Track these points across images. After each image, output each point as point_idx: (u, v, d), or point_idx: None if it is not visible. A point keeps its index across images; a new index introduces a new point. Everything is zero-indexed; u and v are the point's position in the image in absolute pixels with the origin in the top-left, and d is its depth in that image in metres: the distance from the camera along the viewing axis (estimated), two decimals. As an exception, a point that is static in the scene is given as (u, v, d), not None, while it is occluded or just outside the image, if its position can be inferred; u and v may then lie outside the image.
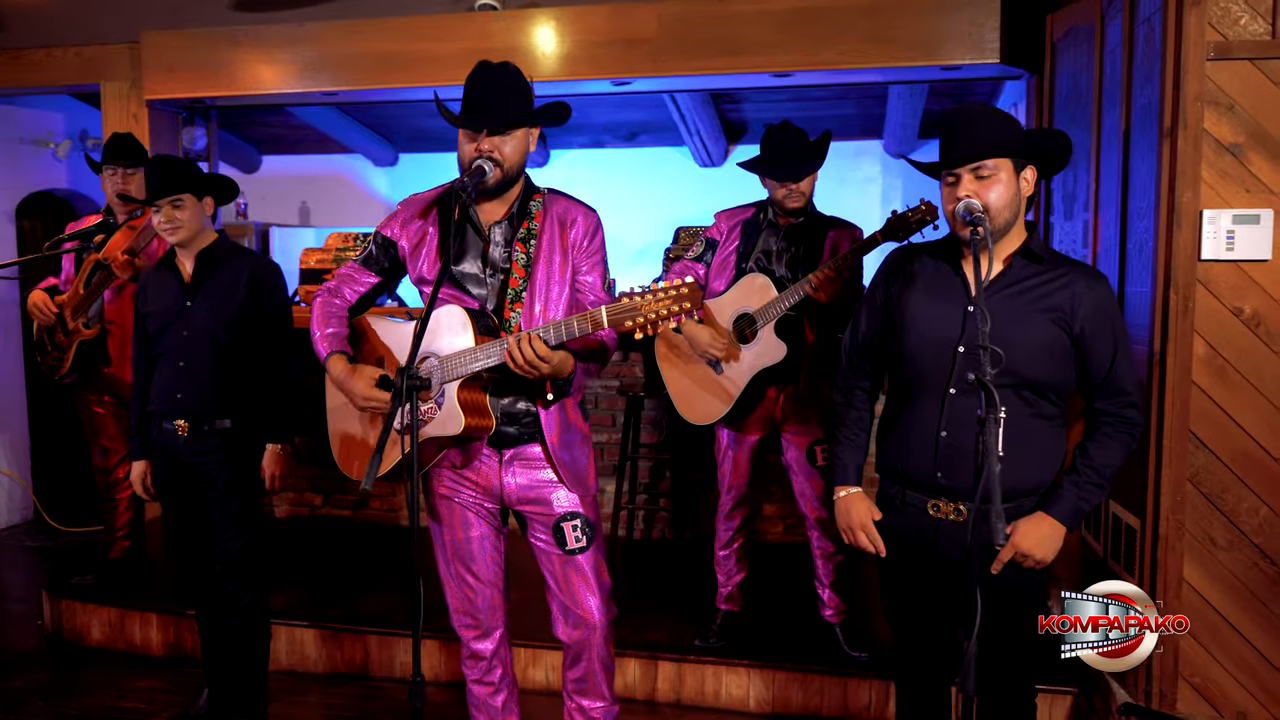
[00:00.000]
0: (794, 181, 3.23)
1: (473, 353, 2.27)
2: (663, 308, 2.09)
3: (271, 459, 3.16)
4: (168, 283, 3.13)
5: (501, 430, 2.40)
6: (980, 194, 2.12)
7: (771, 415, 3.39)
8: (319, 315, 2.48)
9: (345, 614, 3.87)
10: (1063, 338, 2.14)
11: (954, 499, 2.20)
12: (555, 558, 2.51)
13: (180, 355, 3.07)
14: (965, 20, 4.02)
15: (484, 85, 2.33)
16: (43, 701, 3.61)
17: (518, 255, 2.39)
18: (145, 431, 3.19)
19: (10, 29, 5.13)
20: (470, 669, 2.64)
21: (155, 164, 3.05)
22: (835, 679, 3.39)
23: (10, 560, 5.42)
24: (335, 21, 4.66)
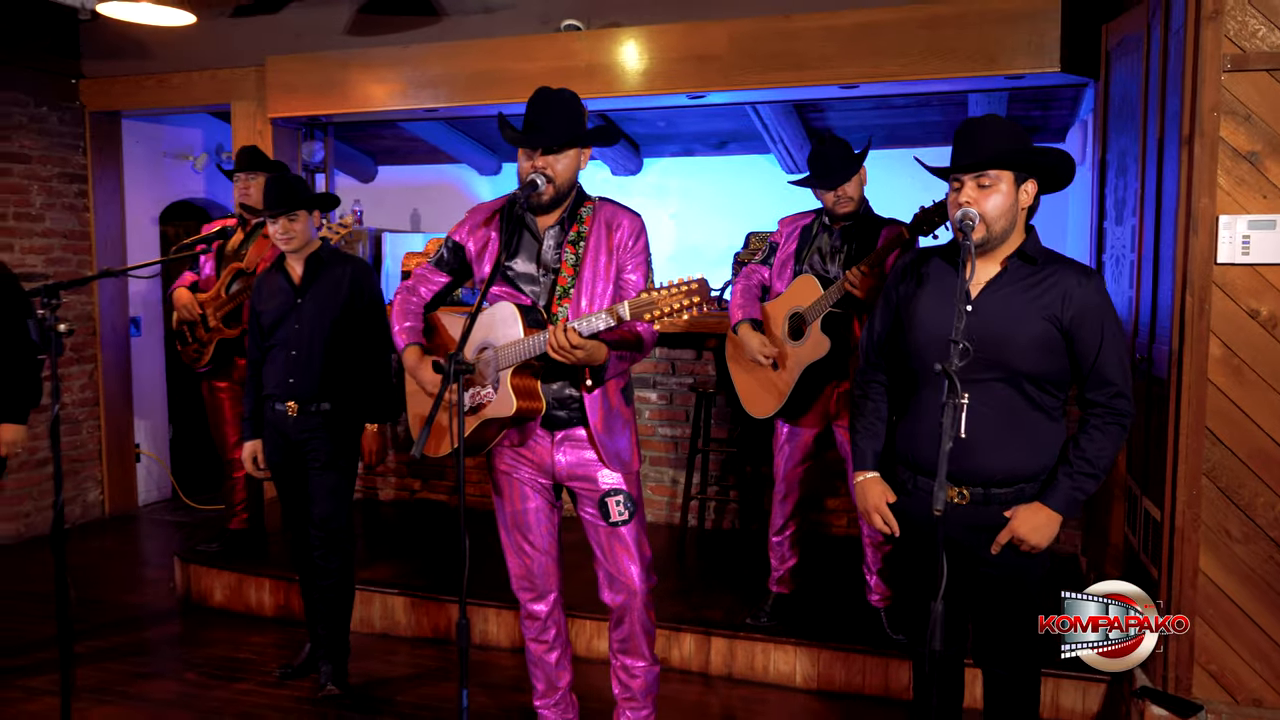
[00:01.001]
0: (830, 189, 3.43)
1: (522, 343, 2.58)
2: (675, 302, 2.34)
3: (369, 437, 3.60)
4: (279, 284, 3.56)
5: (553, 414, 2.71)
6: (979, 201, 2.31)
7: (826, 410, 3.60)
8: (398, 311, 2.85)
9: (431, 584, 4.25)
10: (1054, 332, 2.32)
11: (958, 483, 2.38)
12: (601, 529, 2.80)
13: (292, 346, 3.48)
14: (1026, 31, 4.14)
15: (541, 108, 2.64)
16: (174, 651, 4.11)
17: (567, 256, 2.68)
18: (258, 415, 3.61)
19: (156, 56, 5.74)
20: (528, 628, 2.96)
21: (273, 182, 3.46)
22: (877, 659, 3.58)
23: (150, 533, 6.03)
24: (435, 43, 5.08)
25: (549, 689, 3.01)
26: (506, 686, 3.69)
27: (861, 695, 3.59)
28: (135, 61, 5.77)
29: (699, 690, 3.69)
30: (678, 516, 4.93)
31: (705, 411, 4.73)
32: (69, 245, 5.91)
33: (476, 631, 4.10)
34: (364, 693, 3.63)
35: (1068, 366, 2.36)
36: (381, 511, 5.60)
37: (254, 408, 3.63)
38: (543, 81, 4.79)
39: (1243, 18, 2.69)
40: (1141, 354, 3.24)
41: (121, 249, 6.24)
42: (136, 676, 3.83)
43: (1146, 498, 3.14)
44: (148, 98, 5.82)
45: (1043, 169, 2.37)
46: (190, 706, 3.56)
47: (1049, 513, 2.33)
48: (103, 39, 5.78)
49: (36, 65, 5.67)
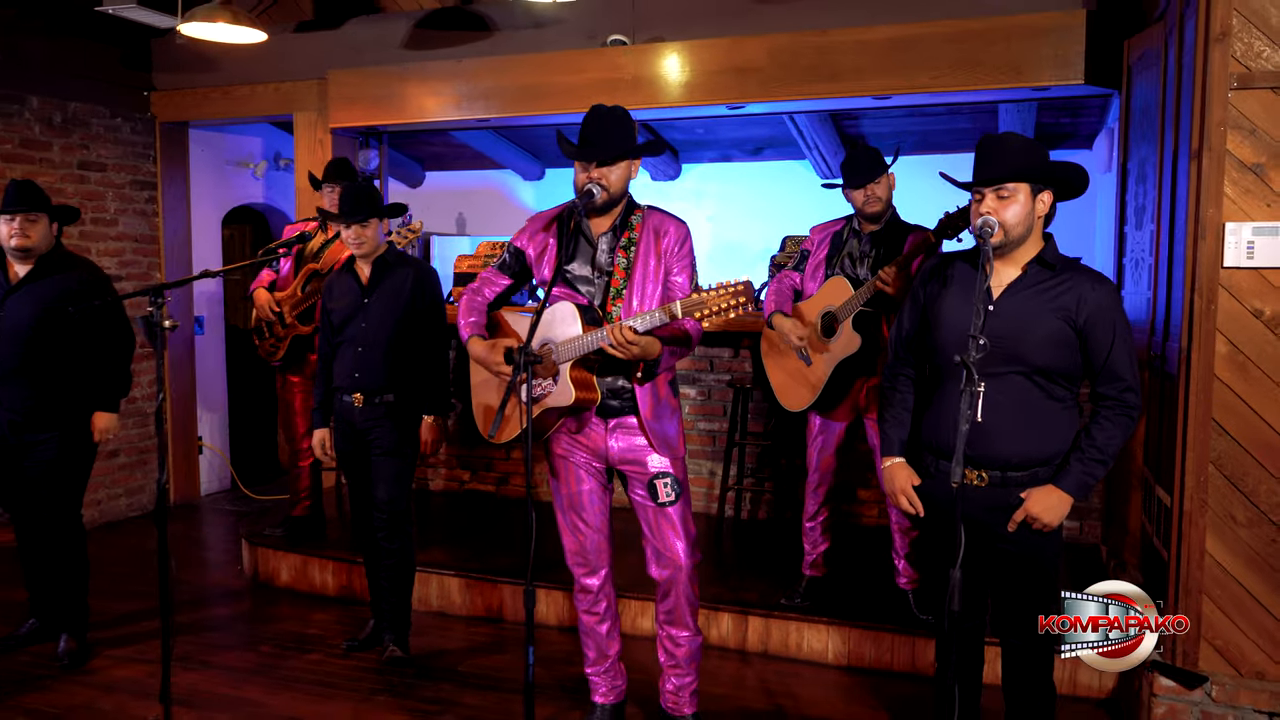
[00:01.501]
0: (859, 188, 3.67)
1: (580, 339, 2.86)
2: (722, 301, 2.62)
3: (427, 428, 3.84)
4: (349, 284, 3.85)
5: (607, 403, 2.98)
6: (999, 210, 2.55)
7: (856, 404, 3.84)
8: (464, 309, 3.15)
9: (484, 568, 4.53)
10: (1069, 332, 2.55)
11: (978, 467, 2.62)
12: (650, 509, 3.06)
13: (359, 342, 3.77)
14: (1051, 44, 4.35)
15: (596, 124, 2.92)
16: (247, 626, 4.42)
17: (619, 260, 2.95)
18: (327, 405, 3.91)
19: (222, 69, 6.07)
20: (580, 601, 3.22)
21: (348, 191, 3.76)
22: (905, 638, 3.81)
23: (213, 520, 6.37)
24: (487, 57, 5.36)
25: (599, 657, 3.27)
26: (558, 660, 3.95)
27: (890, 671, 3.82)
28: (203, 74, 6.11)
29: (736, 665, 3.94)
30: (715, 507, 5.18)
31: (742, 407, 4.97)
32: (139, 249, 6.27)
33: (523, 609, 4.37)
34: (425, 662, 3.91)
35: (1079, 362, 2.59)
36: (433, 501, 5.90)
37: (323, 398, 3.92)
38: (590, 93, 5.13)
39: (1249, 39, 2.89)
40: (1156, 351, 3.45)
41: (187, 252, 6.59)
42: (215, 648, 4.14)
43: (1159, 486, 3.35)
44: (214, 108, 6.16)
45: (1057, 181, 2.60)
46: (268, 674, 3.87)
47: (1060, 494, 2.56)
48: (173, 53, 6.13)
49: (112, 79, 6.03)
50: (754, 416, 5.26)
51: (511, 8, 5.32)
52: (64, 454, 3.91)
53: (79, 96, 5.85)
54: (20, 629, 4.14)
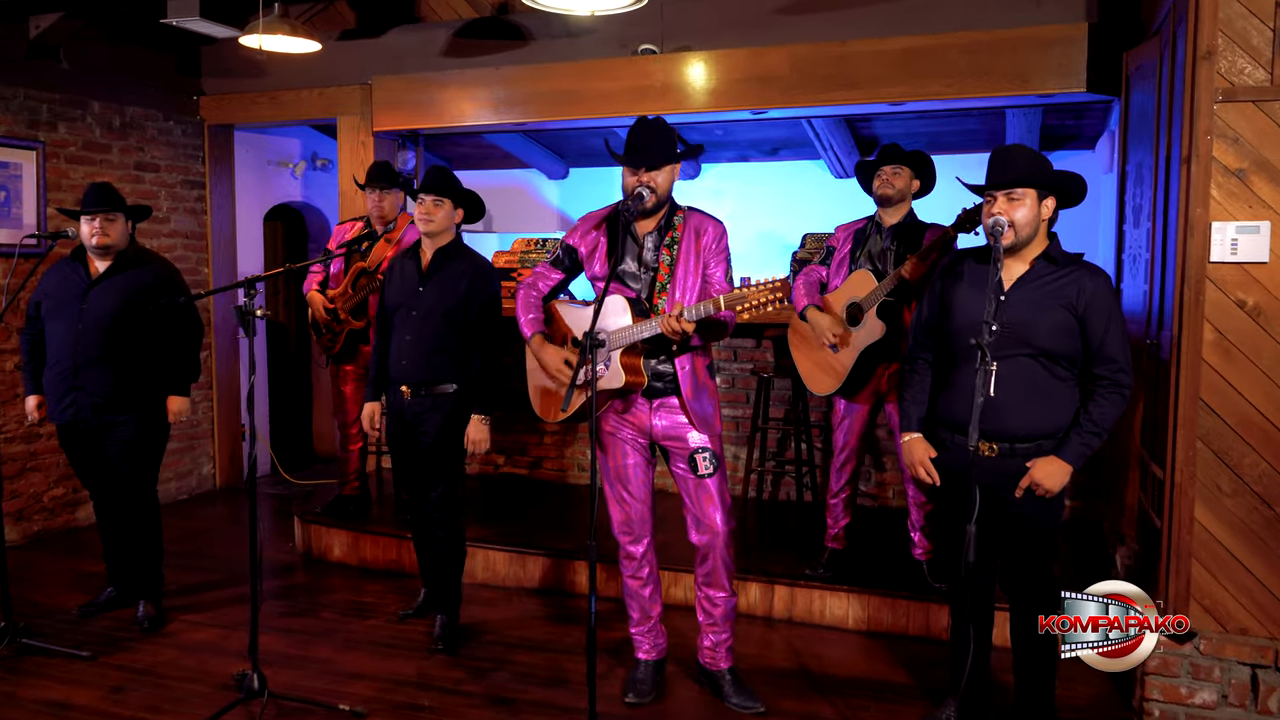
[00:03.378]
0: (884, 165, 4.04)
1: (631, 328, 3.19)
2: (763, 296, 2.96)
3: (474, 426, 3.88)
4: (409, 269, 3.92)
5: (651, 385, 3.32)
6: (1008, 211, 2.90)
7: (878, 389, 4.16)
8: (522, 304, 3.47)
9: (525, 542, 4.86)
10: (1070, 319, 2.89)
11: (989, 439, 2.95)
12: (690, 481, 3.39)
13: (408, 330, 3.84)
14: (1056, 55, 4.67)
15: (643, 133, 3.27)
16: (307, 596, 4.76)
17: (664, 257, 3.30)
18: (380, 381, 4.02)
19: (268, 75, 6.41)
20: (625, 567, 3.55)
21: (434, 170, 3.89)
22: (920, 604, 4.14)
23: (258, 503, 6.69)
24: (524, 65, 5.69)
25: (643, 617, 3.60)
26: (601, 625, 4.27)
27: (906, 635, 4.15)
28: (249, 79, 6.45)
29: (763, 630, 4.27)
30: (739, 489, 5.50)
31: (765, 394, 5.30)
32: (189, 244, 6.61)
33: (565, 581, 4.70)
34: (475, 629, 4.24)
35: (1080, 346, 2.93)
36: (469, 484, 6.23)
37: (376, 375, 4.01)
38: (622, 99, 5.47)
39: (1232, 57, 3.21)
40: (1152, 339, 3.76)
41: (232, 248, 6.94)
42: (282, 614, 4.49)
43: (1154, 463, 3.66)
44: (261, 112, 6.50)
45: (1059, 189, 2.94)
46: (332, 637, 4.21)
47: (1061, 463, 2.90)
48: (221, 59, 6.47)
49: (165, 85, 6.37)
50: (775, 403, 5.58)
51: (546, 18, 5.64)
52: (141, 434, 4.25)
53: (135, 101, 6.19)
54: (99, 596, 4.49)
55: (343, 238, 5.27)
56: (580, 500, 5.80)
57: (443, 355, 3.88)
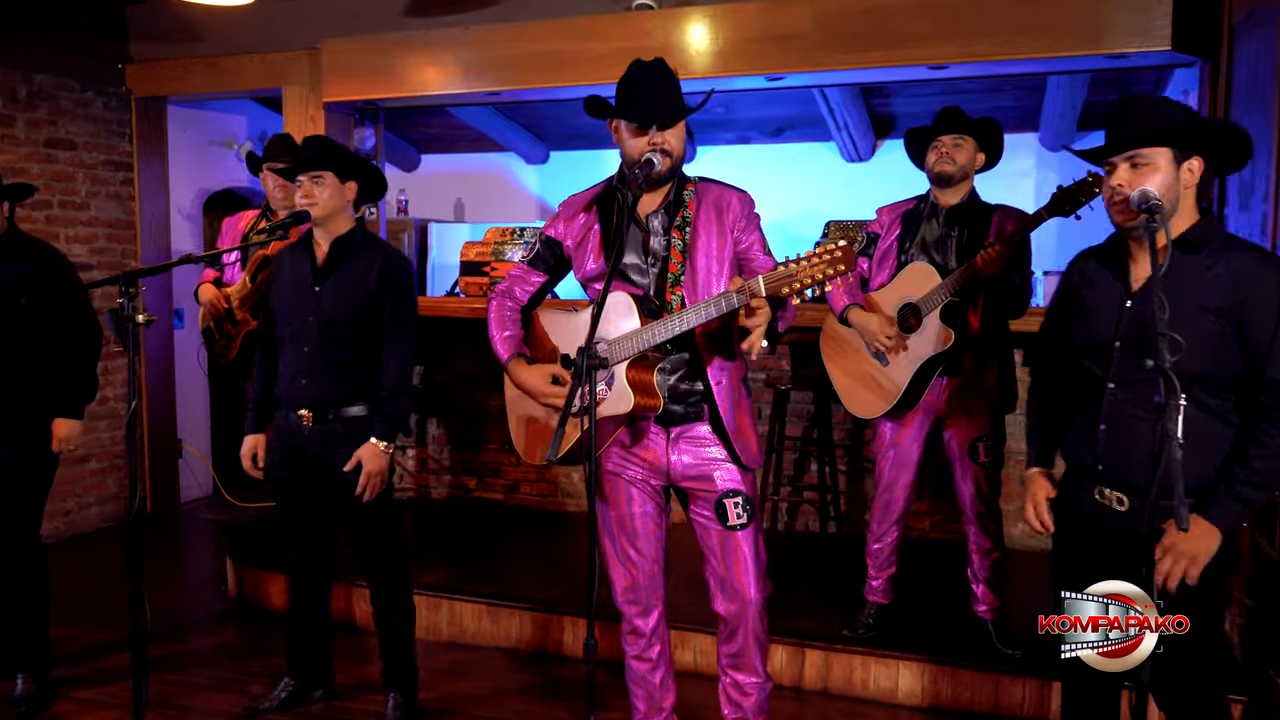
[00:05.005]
0: (943, 134, 3.27)
1: (641, 333, 2.40)
2: (817, 272, 2.18)
3: (371, 455, 3.05)
4: (299, 265, 3.16)
5: (669, 409, 2.52)
6: (1134, 184, 2.11)
7: (936, 408, 3.38)
8: (496, 319, 2.65)
9: (501, 591, 4.05)
10: (1222, 327, 2.10)
11: (1116, 489, 2.20)
12: (715, 533, 2.60)
13: (304, 341, 3.08)
14: (1131, 6, 3.89)
15: (646, 82, 2.47)
16: (234, 660, 3.91)
17: (675, 242, 2.50)
18: (263, 408, 3.22)
19: (205, 39, 5.55)
20: (630, 645, 2.74)
21: (307, 141, 3.13)
22: (987, 675, 3.36)
23: (193, 532, 5.86)
24: (499, 24, 4.86)
25: (652, 709, 2.79)
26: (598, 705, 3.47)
27: (971, 712, 3.37)
28: (183, 45, 5.59)
29: (794, 706, 3.47)
30: (751, 519, 4.71)
31: (781, 409, 4.51)
32: (114, 235, 5.74)
33: (550, 640, 3.90)
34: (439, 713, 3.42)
35: (1235, 364, 2.13)
36: (434, 511, 5.41)
37: (258, 398, 3.24)
38: (614, 62, 4.59)
39: None
40: None
41: (166, 239, 6.07)
42: (198, 689, 3.64)
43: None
44: (196, 82, 5.64)
45: (1211, 144, 2.15)
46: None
47: (1207, 528, 2.10)
48: (150, 21, 5.60)
49: (83, 49, 5.50)
50: (792, 419, 4.79)
51: (523, -31, 4.83)
52: (18, 468, 3.39)
53: (46, 68, 5.31)
54: (-30, 668, 3.64)
55: (235, 229, 4.45)
56: (565, 531, 4.99)
57: (351, 370, 3.11)
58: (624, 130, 2.48)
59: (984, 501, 3.37)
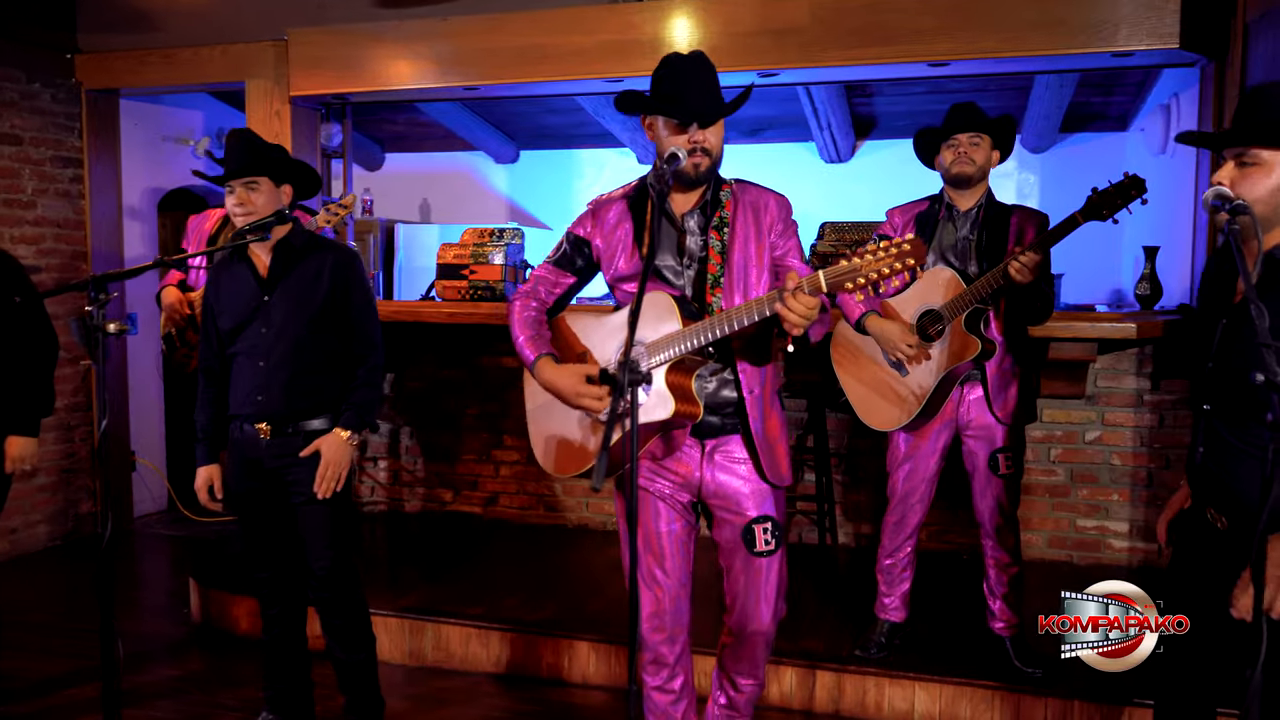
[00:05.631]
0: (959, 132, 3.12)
1: (683, 335, 2.26)
2: (884, 265, 2.03)
3: (332, 445, 2.89)
4: (241, 277, 2.94)
5: (706, 419, 2.36)
6: (1235, 184, 1.97)
7: (955, 417, 3.24)
8: (519, 320, 2.49)
9: (489, 612, 3.83)
10: None
11: (1221, 510, 2.10)
12: (740, 557, 2.45)
13: (259, 355, 2.90)
14: (1142, 2, 3.80)
15: (684, 77, 2.31)
16: (199, 693, 3.63)
17: (713, 242, 2.36)
18: (214, 435, 3.03)
19: (161, 29, 5.25)
20: (652, 675, 2.55)
21: (234, 140, 2.88)
22: (1007, 694, 3.22)
23: (149, 549, 5.55)
24: (477, 15, 4.64)
25: (674, 746, 2.60)
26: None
27: (991, 736, 3.23)
28: (136, 35, 5.29)
29: (805, 730, 3.31)
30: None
31: (778, 417, 4.35)
32: (62, 235, 5.42)
33: (542, 663, 3.69)
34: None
35: None
36: (409, 526, 5.16)
37: (207, 426, 3.01)
38: (600, 56, 4.45)
39: None
40: None
41: (117, 240, 5.74)
42: (165, 724, 3.38)
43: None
44: (152, 75, 5.33)
45: None
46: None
47: None
48: (101, 10, 5.30)
49: (29, 38, 5.17)
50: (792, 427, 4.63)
51: (503, -42, 4.62)
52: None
53: (-12, 57, 4.99)
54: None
55: (200, 229, 4.19)
56: (550, 545, 4.79)
57: (312, 379, 2.92)
58: (660, 127, 2.33)
59: (1004, 515, 3.24)
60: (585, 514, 5.05)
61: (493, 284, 4.69)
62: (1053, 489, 4.36)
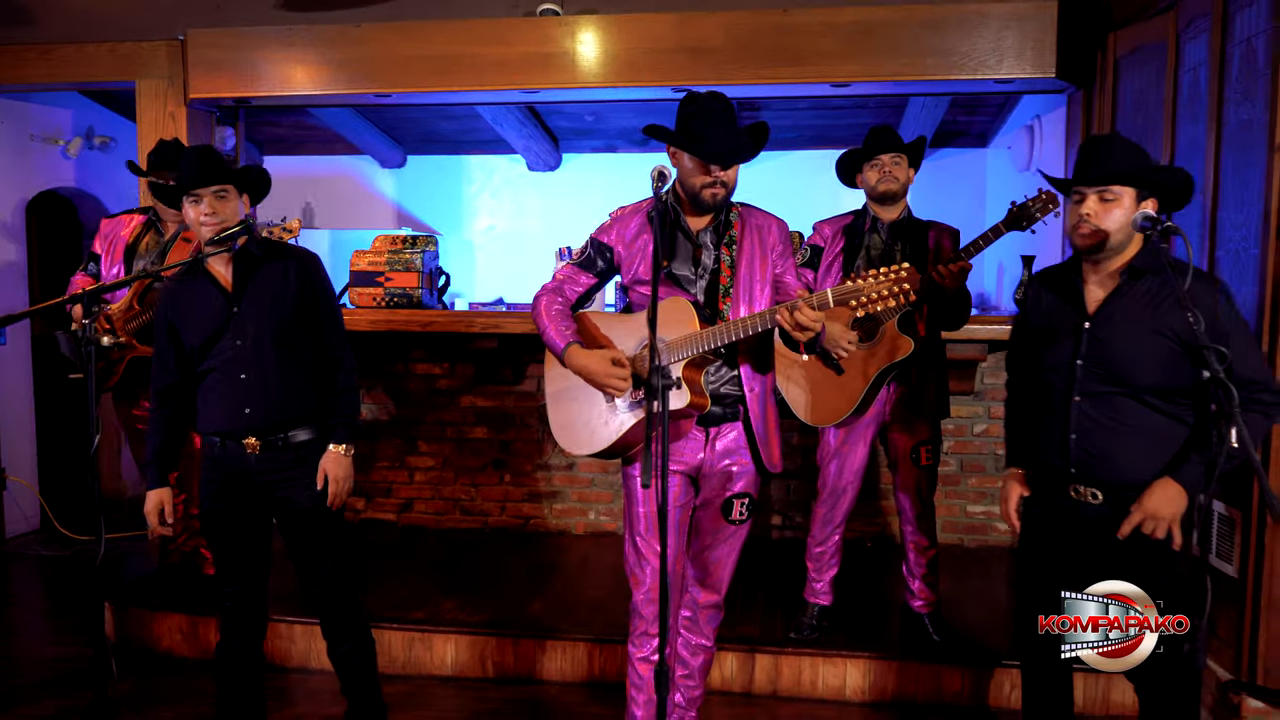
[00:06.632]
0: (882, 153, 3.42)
1: (700, 336, 2.53)
2: (883, 289, 2.31)
3: (334, 461, 2.94)
4: (204, 293, 2.90)
5: (711, 410, 2.64)
6: (1100, 215, 2.36)
7: (881, 414, 3.53)
8: (546, 313, 2.72)
9: (431, 616, 3.87)
10: (1174, 345, 2.33)
11: (1090, 485, 2.44)
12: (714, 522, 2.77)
13: (240, 369, 2.86)
14: (1026, 37, 4.20)
15: (710, 120, 2.58)
16: (133, 713, 3.53)
17: (724, 257, 2.66)
18: (167, 457, 2.98)
19: (37, 24, 5.00)
20: (638, 647, 2.77)
21: (195, 152, 2.87)
22: (928, 667, 3.53)
23: (30, 571, 5.25)
24: (394, 23, 4.65)
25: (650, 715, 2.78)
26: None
27: (914, 703, 3.53)
28: (10, 28, 5.00)
29: (744, 710, 3.52)
30: (664, 528, 4.73)
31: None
32: (-74, 240, 5.08)
33: (491, 665, 3.76)
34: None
35: (1186, 376, 2.34)
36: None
37: (161, 448, 2.95)
38: (519, 68, 4.56)
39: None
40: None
41: (-14, 244, 5.42)
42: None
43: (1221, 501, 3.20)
44: (28, 71, 5.06)
45: (1165, 188, 2.41)
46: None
47: (1176, 487, 2.34)
48: (-29, 1, 4.99)
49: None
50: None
51: (417, -34, 4.64)
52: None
53: None
54: None
55: (116, 234, 4.04)
56: (468, 549, 4.83)
57: (295, 386, 2.92)
58: (685, 159, 2.61)
59: (923, 502, 3.54)
60: (502, 517, 5.13)
61: (410, 290, 4.71)
62: (945, 478, 4.73)
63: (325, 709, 3.51)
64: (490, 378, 5.01)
